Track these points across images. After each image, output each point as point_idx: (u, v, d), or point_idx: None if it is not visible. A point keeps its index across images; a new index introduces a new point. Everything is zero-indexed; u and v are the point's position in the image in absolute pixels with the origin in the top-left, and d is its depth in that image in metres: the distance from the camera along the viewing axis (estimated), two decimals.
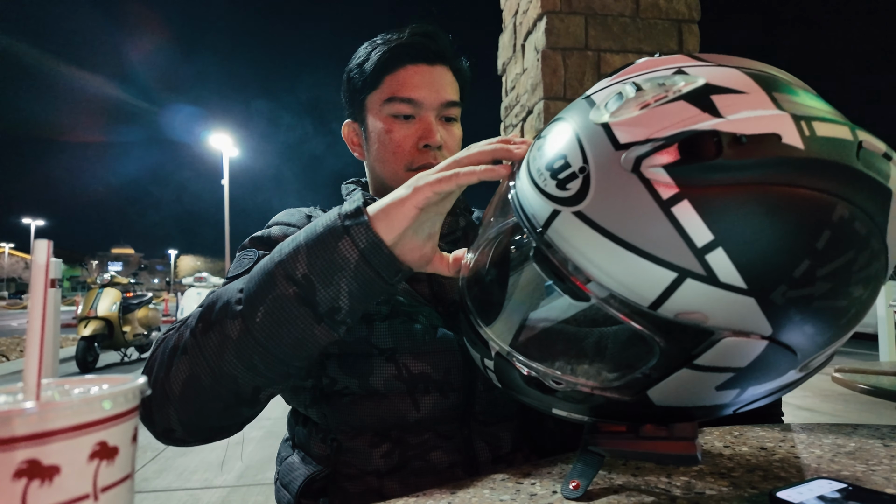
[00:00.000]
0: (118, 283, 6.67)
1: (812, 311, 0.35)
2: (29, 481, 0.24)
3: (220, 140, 17.97)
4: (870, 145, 0.35)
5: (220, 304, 0.57)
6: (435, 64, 0.80)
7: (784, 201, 0.33)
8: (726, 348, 0.36)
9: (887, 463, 0.51)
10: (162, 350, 0.59)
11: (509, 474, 0.53)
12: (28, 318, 0.29)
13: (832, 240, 0.34)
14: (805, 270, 0.34)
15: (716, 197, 0.33)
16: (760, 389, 0.41)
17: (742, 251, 0.33)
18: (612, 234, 0.36)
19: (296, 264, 0.53)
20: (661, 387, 0.39)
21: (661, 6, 2.68)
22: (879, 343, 4.56)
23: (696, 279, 0.34)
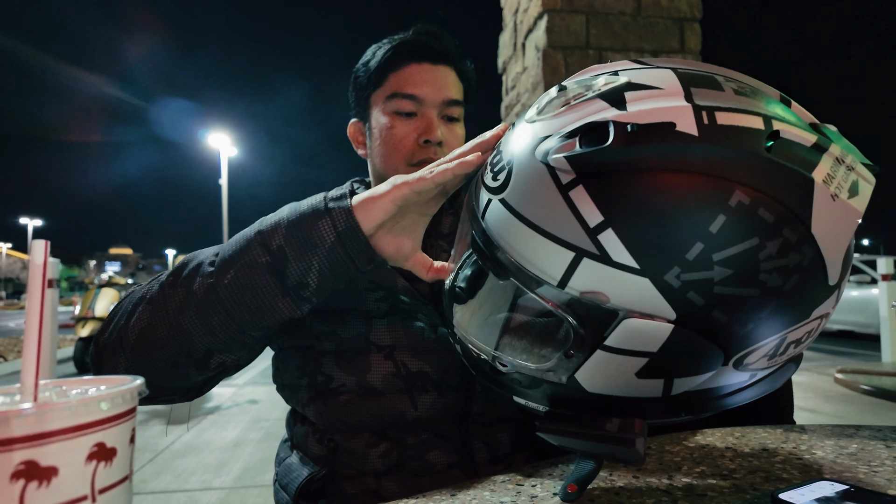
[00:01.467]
0: (116, 283, 6.66)
1: (716, 297, 0.36)
2: (27, 483, 0.24)
3: (219, 139, 17.96)
4: (790, 135, 0.36)
5: (194, 263, 0.60)
6: (438, 63, 0.82)
7: (674, 185, 0.35)
8: (631, 329, 0.37)
9: (890, 464, 0.51)
10: (129, 299, 0.62)
11: (509, 476, 0.53)
12: (26, 319, 0.28)
13: (728, 224, 0.34)
14: (699, 254, 0.35)
15: (606, 181, 0.36)
16: (692, 384, 0.40)
17: (630, 231, 0.35)
18: (524, 217, 0.40)
19: (273, 235, 0.56)
20: (586, 370, 0.41)
21: (662, 4, 2.68)
22: (881, 344, 4.57)
23: (592, 258, 0.37)
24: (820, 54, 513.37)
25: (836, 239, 0.37)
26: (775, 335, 0.38)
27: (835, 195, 0.36)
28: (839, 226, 0.37)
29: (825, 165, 0.36)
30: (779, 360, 0.41)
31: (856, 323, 7.98)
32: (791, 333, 0.39)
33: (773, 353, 0.40)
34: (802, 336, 0.40)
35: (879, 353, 4.73)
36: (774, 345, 0.39)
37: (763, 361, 0.40)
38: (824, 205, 0.36)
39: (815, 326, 0.41)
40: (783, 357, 0.41)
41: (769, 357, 0.40)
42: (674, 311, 0.36)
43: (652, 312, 0.37)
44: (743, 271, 0.35)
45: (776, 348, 0.39)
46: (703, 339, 0.37)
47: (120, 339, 0.58)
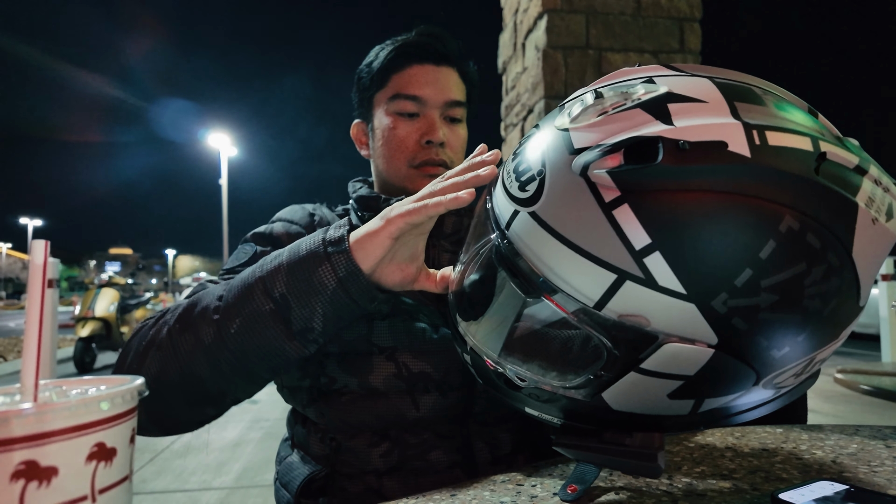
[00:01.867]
0: (116, 283, 6.66)
1: (760, 322, 0.35)
2: (27, 482, 0.24)
3: (219, 139, 17.96)
4: (836, 157, 0.35)
5: (200, 308, 0.59)
6: (441, 65, 0.82)
7: (725, 208, 0.33)
8: (671, 354, 0.36)
9: (889, 464, 0.51)
10: (138, 341, 0.61)
11: (509, 475, 0.53)
12: (26, 319, 0.28)
13: (778, 251, 0.33)
14: (748, 280, 0.33)
15: (655, 201, 0.34)
16: (721, 402, 0.40)
17: (679, 256, 0.34)
18: (559, 234, 0.37)
19: (275, 282, 0.56)
20: (615, 390, 0.40)
21: (662, 4, 2.68)
22: (881, 344, 4.56)
23: (635, 281, 0.35)
24: (820, 55, 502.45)
25: (873, 262, 0.37)
26: (807, 356, 0.38)
27: (875, 219, 0.36)
28: (876, 249, 0.37)
29: (867, 188, 0.36)
30: (804, 377, 0.42)
31: (856, 323, 7.96)
32: (820, 353, 0.39)
33: (801, 371, 0.40)
34: (829, 355, 0.41)
35: (879, 353, 4.73)
36: (804, 365, 0.39)
37: (791, 380, 0.40)
38: (865, 229, 0.35)
39: (839, 344, 0.41)
40: (807, 374, 0.42)
41: (796, 376, 0.40)
42: (716, 336, 0.35)
43: (694, 337, 0.35)
44: (789, 297, 0.34)
45: (805, 367, 0.40)
46: (740, 362, 0.37)
47: (139, 370, 0.59)
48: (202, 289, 0.67)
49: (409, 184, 0.82)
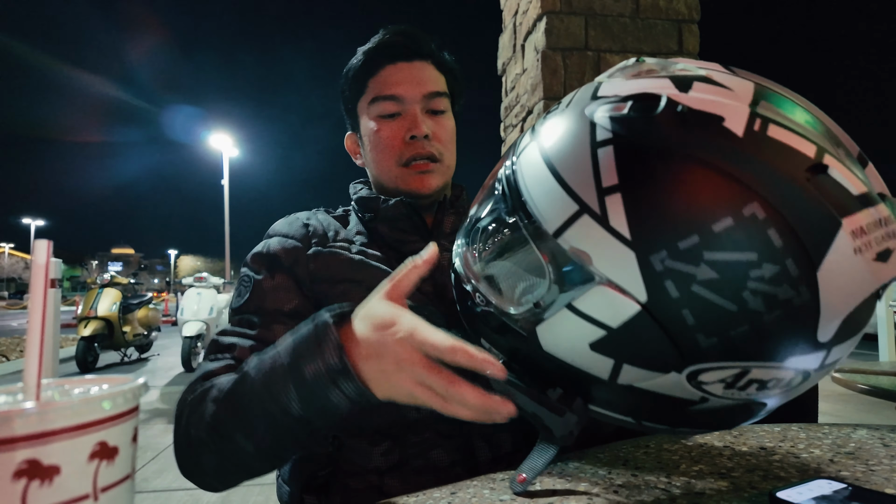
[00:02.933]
0: (118, 283, 6.66)
1: (692, 296, 0.34)
2: (29, 481, 0.24)
3: (220, 140, 17.96)
4: (840, 176, 0.34)
5: (225, 429, 0.58)
6: (414, 59, 0.82)
7: (696, 174, 0.34)
8: (601, 298, 0.37)
9: (887, 463, 0.51)
10: (184, 433, 0.62)
11: (508, 474, 0.53)
12: (28, 319, 0.29)
13: (733, 230, 0.33)
14: (692, 246, 0.33)
15: (635, 149, 0.36)
16: (639, 378, 0.39)
17: (636, 202, 0.35)
18: (548, 160, 0.40)
19: (290, 403, 0.53)
20: (547, 327, 0.41)
21: (660, 6, 2.68)
22: (879, 343, 4.56)
23: (592, 217, 0.36)
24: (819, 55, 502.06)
25: (843, 294, 0.34)
26: (738, 363, 0.36)
27: (859, 249, 0.33)
28: (852, 283, 0.34)
29: (862, 217, 0.34)
30: (736, 394, 0.39)
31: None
32: (756, 370, 0.37)
33: (732, 382, 0.38)
34: (768, 380, 0.37)
35: (877, 352, 4.73)
36: (734, 374, 0.37)
37: (718, 387, 0.38)
38: (843, 255, 0.33)
39: (787, 379, 0.38)
40: (742, 394, 0.39)
41: (725, 385, 0.38)
42: (646, 293, 0.35)
43: (625, 288, 0.36)
44: (728, 281, 0.34)
45: (736, 378, 0.37)
46: (664, 334, 0.36)
47: (201, 471, 0.63)
48: (223, 350, 0.70)
49: (401, 183, 0.82)
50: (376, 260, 0.78)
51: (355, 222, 0.86)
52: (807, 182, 0.33)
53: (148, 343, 7.11)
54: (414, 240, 0.81)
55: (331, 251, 0.78)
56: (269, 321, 0.73)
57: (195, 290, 6.32)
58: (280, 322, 0.73)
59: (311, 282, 0.77)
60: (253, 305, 0.74)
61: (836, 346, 0.37)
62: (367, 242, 0.82)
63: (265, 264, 0.78)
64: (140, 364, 6.86)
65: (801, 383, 0.39)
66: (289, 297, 0.75)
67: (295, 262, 0.77)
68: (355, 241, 0.82)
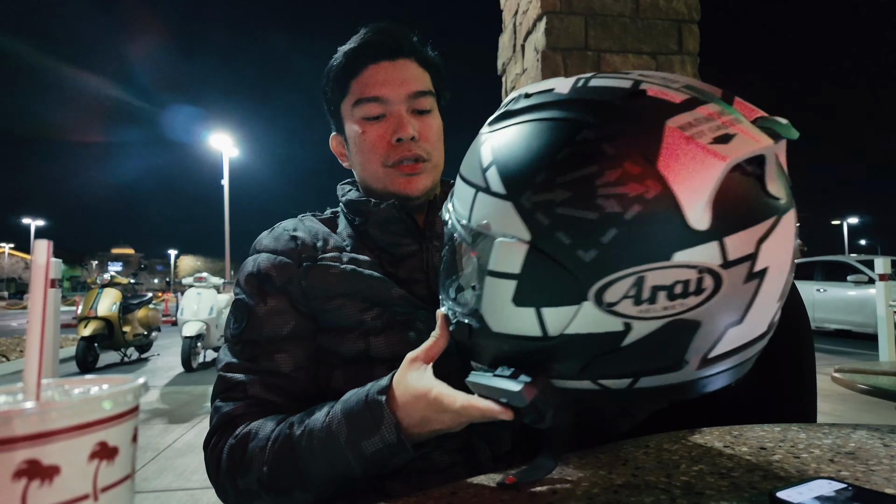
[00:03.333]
0: (118, 283, 6.66)
1: (559, 217, 0.39)
2: (29, 481, 0.24)
3: (220, 140, 17.96)
4: (658, 94, 0.40)
5: (282, 486, 0.63)
6: (396, 58, 0.80)
7: (537, 128, 0.42)
8: (500, 250, 0.43)
9: (887, 463, 0.52)
10: (230, 483, 0.66)
11: (508, 473, 0.53)
12: (28, 319, 0.29)
13: (571, 154, 0.40)
14: (544, 179, 0.40)
15: (499, 132, 0.45)
16: (555, 316, 0.42)
17: (503, 166, 0.43)
18: (460, 172, 0.50)
19: (351, 471, 0.61)
20: (485, 303, 0.46)
21: (660, 6, 2.68)
22: (879, 343, 4.56)
23: (482, 192, 0.44)
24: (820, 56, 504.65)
25: (694, 176, 0.37)
26: (627, 269, 0.38)
27: (692, 137, 0.38)
28: (697, 164, 0.38)
29: (687, 117, 0.39)
30: (652, 310, 0.39)
31: (853, 322, 7.98)
32: (650, 273, 0.38)
33: (636, 295, 0.39)
34: (671, 285, 0.38)
35: (877, 352, 4.73)
36: (632, 282, 0.39)
37: (628, 304, 0.39)
38: (677, 144, 0.38)
39: (692, 280, 0.38)
40: (657, 309, 0.39)
41: (634, 300, 0.39)
42: (528, 231, 0.41)
43: (515, 234, 0.42)
44: (580, 194, 0.39)
45: (637, 289, 0.39)
46: (553, 261, 0.40)
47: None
48: (233, 389, 0.72)
49: (389, 185, 0.81)
50: (368, 266, 0.78)
51: (345, 225, 0.86)
52: (623, 102, 0.40)
53: (148, 343, 7.11)
54: (406, 242, 0.81)
55: (321, 265, 0.77)
56: (271, 351, 0.74)
57: (195, 290, 6.32)
58: (281, 350, 0.74)
59: (305, 299, 0.76)
60: (251, 334, 0.75)
61: (730, 237, 0.38)
62: (357, 247, 0.81)
63: (256, 286, 0.77)
64: (140, 364, 6.86)
65: (719, 289, 0.39)
66: (284, 320, 0.75)
67: (288, 280, 0.77)
68: (346, 246, 0.81)
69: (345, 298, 0.75)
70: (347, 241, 0.82)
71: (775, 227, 0.39)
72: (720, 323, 0.40)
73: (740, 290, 0.39)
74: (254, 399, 0.71)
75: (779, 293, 0.42)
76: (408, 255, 0.81)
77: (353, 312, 0.74)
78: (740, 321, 0.40)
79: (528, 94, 0.46)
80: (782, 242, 0.40)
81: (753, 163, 0.39)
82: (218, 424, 0.71)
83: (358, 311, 0.74)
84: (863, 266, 8.04)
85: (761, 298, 0.40)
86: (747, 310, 0.40)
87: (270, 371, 0.72)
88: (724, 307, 0.40)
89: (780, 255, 0.40)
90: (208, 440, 0.71)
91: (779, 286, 0.42)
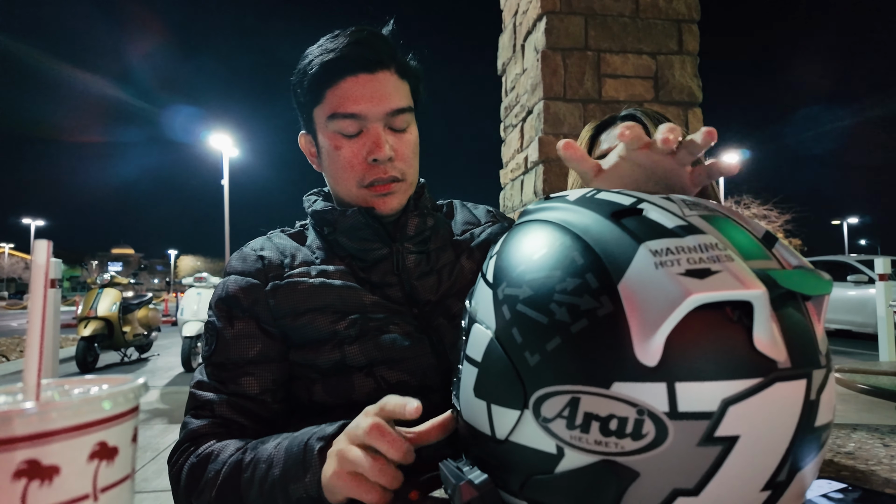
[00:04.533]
0: (118, 283, 6.67)
1: (517, 314, 0.39)
2: (29, 481, 0.24)
3: (220, 140, 17.96)
4: (655, 216, 0.38)
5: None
6: (376, 70, 0.76)
7: (532, 228, 0.43)
8: (474, 334, 0.43)
9: (887, 463, 0.52)
10: (185, 498, 0.67)
11: None
12: (28, 319, 0.29)
13: (545, 256, 0.40)
14: (517, 273, 0.41)
15: (512, 231, 0.46)
16: (501, 416, 0.39)
17: (500, 257, 0.44)
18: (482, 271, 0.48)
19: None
20: (461, 388, 0.45)
21: (660, 6, 2.68)
22: (879, 343, 4.56)
23: (482, 278, 0.45)
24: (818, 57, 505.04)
25: (650, 307, 0.33)
26: (564, 385, 0.35)
27: (660, 264, 0.34)
28: (658, 293, 0.33)
29: (669, 242, 0.36)
30: (584, 440, 0.35)
31: (853, 322, 7.99)
32: (585, 397, 0.35)
33: (569, 417, 0.35)
34: (606, 417, 0.34)
35: (877, 352, 4.73)
36: (566, 401, 0.35)
37: (561, 425, 0.36)
38: (644, 269, 0.35)
39: (629, 419, 0.33)
40: (589, 440, 0.35)
41: (567, 422, 0.35)
42: (495, 321, 0.41)
43: (487, 322, 0.42)
44: (538, 295, 0.38)
45: (570, 410, 0.35)
46: (508, 359, 0.39)
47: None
48: (202, 407, 0.73)
49: (362, 202, 0.80)
50: (339, 275, 0.78)
51: (313, 237, 0.85)
52: (611, 218, 0.39)
53: (148, 343, 7.12)
54: (376, 246, 0.80)
55: (289, 282, 0.77)
56: (238, 374, 0.74)
57: (195, 290, 6.32)
58: (247, 374, 0.74)
59: (273, 318, 0.76)
60: (220, 357, 0.76)
61: (684, 384, 0.33)
62: (327, 257, 0.81)
63: (225, 310, 0.78)
64: (140, 364, 6.87)
65: (662, 441, 0.33)
66: (251, 343, 0.75)
67: (254, 301, 0.77)
68: (315, 259, 0.81)
69: (315, 313, 0.75)
70: (317, 253, 0.82)
71: (758, 391, 0.33)
72: (664, 483, 0.34)
73: (693, 452, 0.33)
74: (220, 419, 0.72)
75: (760, 477, 0.34)
76: (379, 259, 0.81)
77: (325, 325, 0.75)
78: (695, 492, 0.34)
79: (549, 196, 0.47)
80: (770, 413, 0.33)
81: (739, 310, 0.34)
82: (183, 440, 0.72)
83: (329, 323, 0.75)
84: (863, 266, 8.05)
85: (727, 473, 0.33)
86: (705, 481, 0.33)
87: (237, 394, 0.73)
88: (671, 466, 0.34)
89: (763, 428, 0.33)
90: (172, 454, 0.72)
91: (759, 467, 0.34)
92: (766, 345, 0.33)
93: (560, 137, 2.60)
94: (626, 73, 2.63)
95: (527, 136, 2.85)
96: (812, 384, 0.35)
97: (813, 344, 0.36)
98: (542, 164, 2.60)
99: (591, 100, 2.62)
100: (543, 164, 2.60)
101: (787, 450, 0.34)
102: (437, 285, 0.81)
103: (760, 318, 0.33)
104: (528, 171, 2.80)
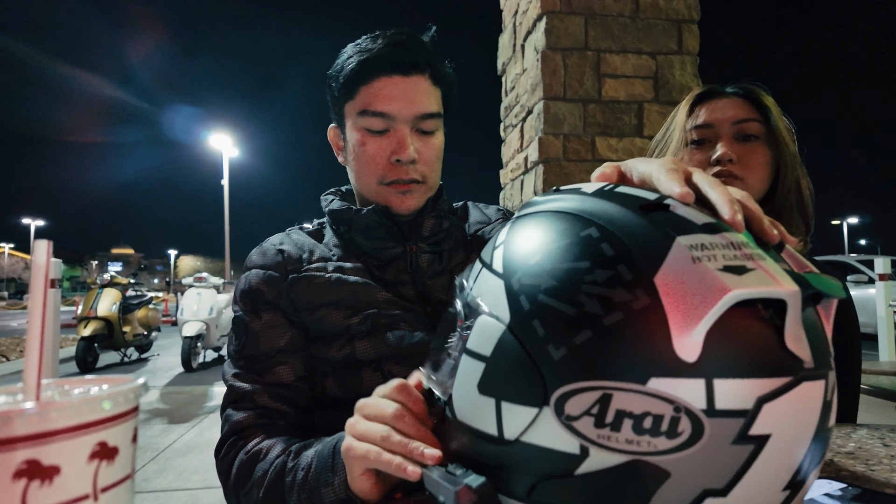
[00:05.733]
0: (118, 283, 6.67)
1: (539, 305, 0.36)
2: (29, 481, 0.24)
3: (220, 140, 17.97)
4: (682, 211, 0.38)
5: None
6: (411, 74, 0.78)
7: (547, 218, 0.41)
8: (480, 326, 0.40)
9: (887, 463, 0.52)
10: (234, 493, 0.68)
11: None
12: (28, 319, 0.29)
13: (569, 245, 0.38)
14: (536, 262, 0.39)
15: (520, 218, 0.44)
16: (514, 415, 0.37)
17: (510, 247, 0.42)
18: (481, 254, 0.46)
19: None
20: (456, 384, 0.42)
21: (660, 6, 2.68)
22: (879, 343, 4.56)
23: (486, 268, 0.43)
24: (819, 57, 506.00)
25: (691, 302, 0.33)
26: (594, 380, 0.33)
27: (698, 259, 0.34)
28: (698, 287, 0.33)
29: (702, 238, 0.35)
30: (611, 436, 0.33)
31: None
32: (618, 394, 0.33)
33: (599, 414, 0.33)
34: (641, 414, 0.32)
35: (877, 352, 4.73)
36: (596, 398, 0.33)
37: (588, 424, 0.34)
38: (681, 262, 0.34)
39: (666, 416, 0.32)
40: (620, 439, 0.33)
41: (595, 420, 0.33)
42: (509, 313, 0.38)
43: (497, 314, 0.39)
44: (564, 286, 0.36)
45: (600, 408, 0.33)
46: (525, 353, 0.36)
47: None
48: (242, 398, 0.73)
49: (380, 199, 0.81)
50: (355, 272, 0.79)
51: (330, 235, 0.87)
52: (640, 211, 0.38)
53: (148, 343, 7.12)
54: (390, 245, 0.82)
55: (307, 276, 0.79)
56: (271, 364, 0.76)
57: (195, 290, 6.32)
58: (280, 363, 0.76)
59: (294, 310, 0.78)
60: (250, 349, 0.77)
61: (722, 381, 0.32)
62: (344, 255, 0.82)
63: (249, 303, 0.79)
64: (140, 364, 6.87)
65: (698, 439, 0.32)
66: (280, 333, 0.77)
67: (278, 294, 0.79)
68: (332, 256, 0.82)
69: (329, 308, 0.77)
70: (334, 251, 0.83)
71: (788, 390, 0.33)
72: (695, 483, 0.33)
73: (726, 451, 0.32)
74: (263, 409, 0.73)
75: (784, 476, 0.34)
76: (392, 257, 0.82)
77: (339, 320, 0.76)
78: (724, 493, 0.33)
79: (558, 189, 0.45)
80: (797, 412, 0.33)
81: (771, 308, 0.34)
82: (229, 433, 0.72)
83: (343, 319, 0.76)
84: (863, 266, 8.05)
85: (756, 473, 0.33)
86: (735, 481, 0.33)
87: (274, 383, 0.75)
88: (703, 465, 0.33)
89: (790, 427, 0.33)
90: (219, 448, 0.73)
91: (784, 466, 0.34)
92: (797, 346, 0.33)
93: (560, 137, 2.60)
94: (626, 73, 2.63)
95: (527, 136, 2.85)
96: (828, 385, 0.35)
97: (828, 346, 0.36)
98: (542, 164, 2.60)
99: (591, 100, 2.62)
100: (543, 164, 2.60)
101: (808, 449, 0.34)
102: (449, 285, 0.83)
103: (793, 316, 0.33)
104: (528, 170, 2.80)
